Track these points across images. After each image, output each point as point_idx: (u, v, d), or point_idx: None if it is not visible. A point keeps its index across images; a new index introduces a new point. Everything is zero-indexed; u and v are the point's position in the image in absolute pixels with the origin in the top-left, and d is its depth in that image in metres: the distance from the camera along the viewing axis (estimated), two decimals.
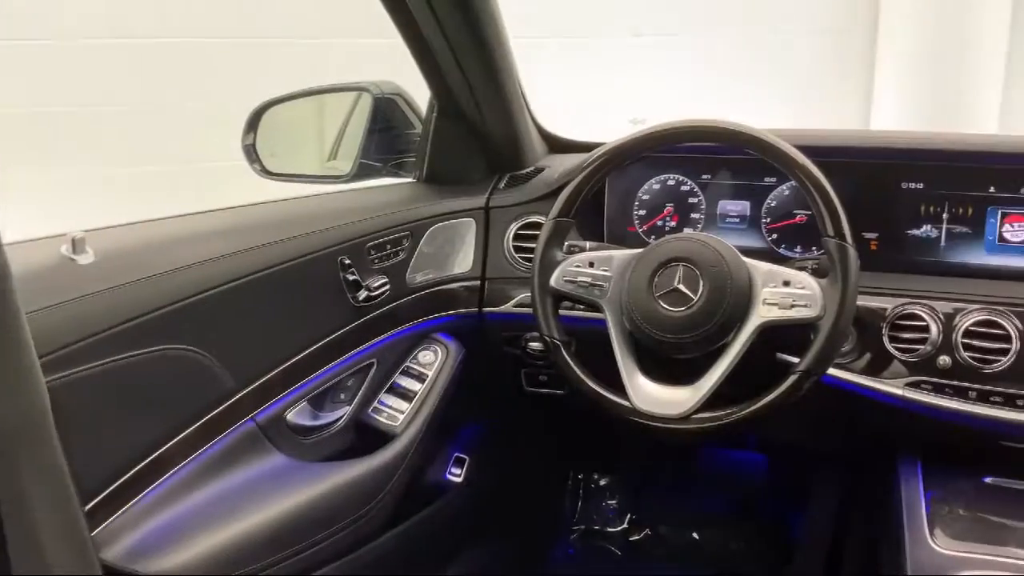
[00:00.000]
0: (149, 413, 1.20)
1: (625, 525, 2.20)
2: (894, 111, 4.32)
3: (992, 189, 1.44)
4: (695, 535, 2.13)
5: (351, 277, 1.46)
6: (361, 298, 1.48)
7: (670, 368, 1.32)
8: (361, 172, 1.74)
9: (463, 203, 1.68)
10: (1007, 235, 1.44)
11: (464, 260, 1.67)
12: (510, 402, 1.86)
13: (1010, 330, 1.31)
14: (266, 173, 1.72)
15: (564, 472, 2.24)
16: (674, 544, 2.13)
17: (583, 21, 4.43)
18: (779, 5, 4.49)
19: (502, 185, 1.73)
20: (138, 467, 1.19)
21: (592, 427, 2.05)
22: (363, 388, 1.54)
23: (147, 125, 3.62)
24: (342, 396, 1.52)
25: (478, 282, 1.66)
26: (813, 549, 1.92)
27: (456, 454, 1.83)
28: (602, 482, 2.26)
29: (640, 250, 1.35)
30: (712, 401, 1.26)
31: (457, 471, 1.82)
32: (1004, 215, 1.44)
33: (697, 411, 1.26)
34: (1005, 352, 1.31)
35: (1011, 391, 1.31)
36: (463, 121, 1.69)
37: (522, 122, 1.73)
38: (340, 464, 1.44)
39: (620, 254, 1.38)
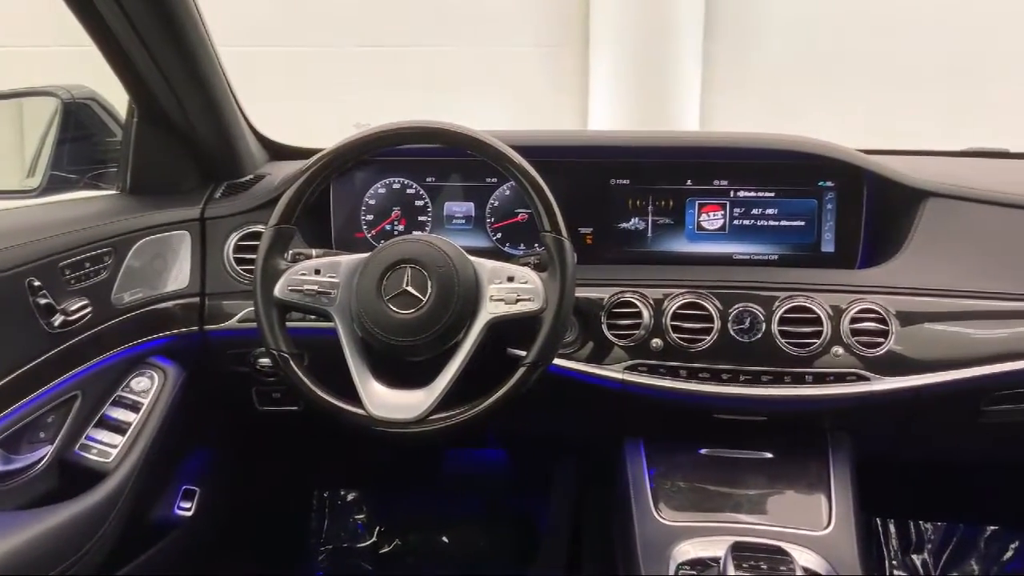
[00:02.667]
0: None
1: (374, 539, 2.16)
2: (608, 119, 4.62)
3: (689, 182, 1.56)
4: (444, 539, 2.13)
5: (42, 301, 1.30)
6: (57, 324, 1.32)
7: (405, 372, 1.30)
8: (53, 186, 1.56)
9: (175, 214, 1.56)
10: (704, 224, 1.56)
11: (179, 276, 1.55)
12: (242, 424, 1.76)
13: (711, 311, 1.42)
14: None
15: (307, 491, 2.16)
16: (424, 551, 2.12)
17: (312, 31, 4.36)
18: (500, 21, 4.67)
19: (219, 194, 1.63)
20: None
21: (333, 441, 1.99)
22: (67, 424, 1.38)
23: None
24: (41, 435, 1.35)
25: (197, 298, 1.55)
26: (557, 537, 1.99)
27: (184, 486, 1.70)
28: (348, 497, 2.20)
29: (367, 254, 1.32)
30: (447, 401, 1.26)
31: (187, 504, 1.69)
32: (701, 206, 1.56)
33: (432, 412, 1.25)
34: (708, 331, 1.42)
35: (716, 367, 1.42)
36: (169, 127, 1.57)
37: (236, 128, 1.64)
38: (41, 511, 1.27)
39: (347, 259, 1.34)
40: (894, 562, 2.10)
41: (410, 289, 1.27)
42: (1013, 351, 1.37)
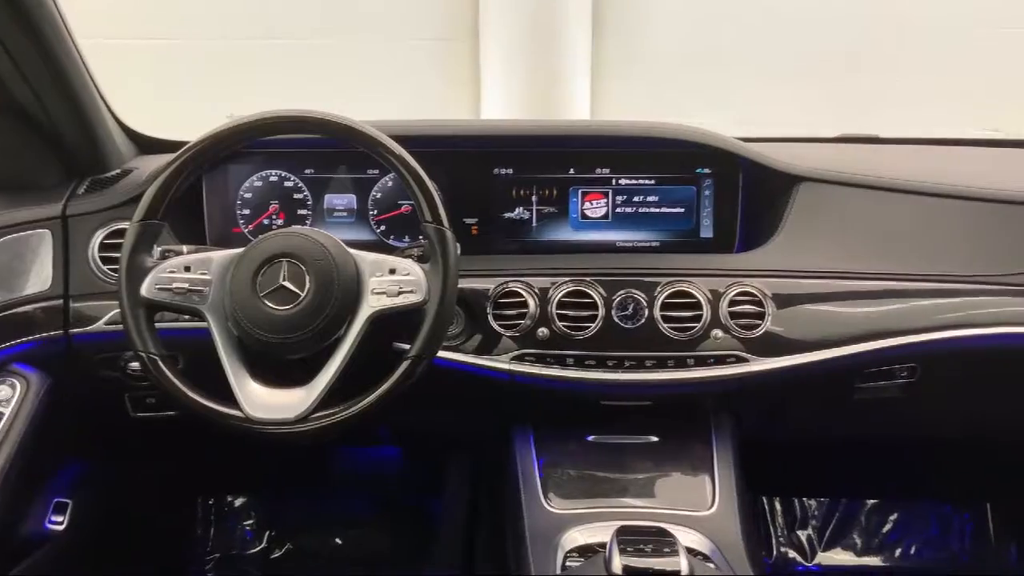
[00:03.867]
0: None
1: (264, 544, 2.10)
2: (501, 111, 4.62)
3: (572, 171, 1.56)
4: (337, 540, 2.08)
5: None
6: None
7: (285, 370, 1.26)
8: None
9: (32, 212, 1.47)
10: (588, 212, 1.57)
11: (40, 277, 1.46)
12: (116, 432, 1.67)
13: (596, 298, 1.43)
14: None
15: (190, 499, 2.07)
16: (317, 553, 2.07)
17: (192, 23, 4.21)
18: (389, 14, 4.62)
19: (82, 190, 1.54)
20: None
21: (216, 445, 1.91)
22: None
23: None
24: None
25: (60, 301, 1.46)
26: (451, 532, 1.97)
27: (56, 499, 1.61)
28: (236, 503, 2.13)
29: (240, 250, 1.27)
30: (329, 399, 1.23)
31: (58, 518, 1.60)
32: (584, 194, 1.57)
33: (313, 411, 1.21)
34: (593, 319, 1.42)
35: (602, 354, 1.43)
36: (27, 121, 1.48)
37: (99, 121, 1.55)
38: None
39: (220, 255, 1.29)
40: (780, 539, 2.17)
41: (287, 284, 1.23)
42: (882, 329, 1.43)
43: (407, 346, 1.26)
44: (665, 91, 4.42)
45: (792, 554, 2.15)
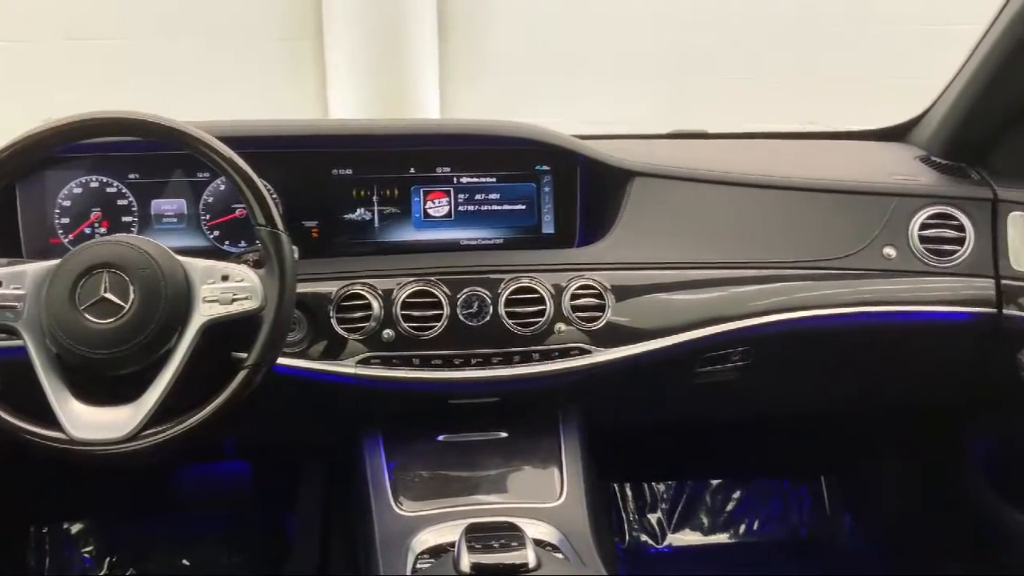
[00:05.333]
0: None
1: (106, 571, 1.98)
2: (349, 112, 4.55)
3: (413, 170, 1.55)
4: (185, 561, 1.99)
5: None
6: None
7: (111, 387, 1.19)
8: None
9: None
10: (431, 211, 1.56)
11: None
12: None
13: (440, 297, 1.42)
14: None
15: (21, 528, 1.93)
16: None
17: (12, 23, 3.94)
18: (231, 13, 4.46)
19: None
20: None
21: (47, 469, 1.79)
22: None
23: None
24: None
25: None
26: (306, 545, 1.92)
27: None
28: (73, 529, 2.00)
29: (56, 261, 1.19)
30: (162, 414, 1.17)
31: None
32: (426, 193, 1.56)
33: (143, 428, 1.16)
34: (438, 318, 1.42)
35: (449, 353, 1.42)
36: None
37: None
38: None
39: (35, 267, 1.20)
40: (633, 524, 2.23)
41: (109, 296, 1.16)
42: (715, 316, 1.49)
43: (245, 355, 1.21)
44: (513, 91, 4.47)
45: (644, 538, 2.21)
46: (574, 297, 1.45)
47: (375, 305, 1.41)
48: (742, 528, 2.24)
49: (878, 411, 1.94)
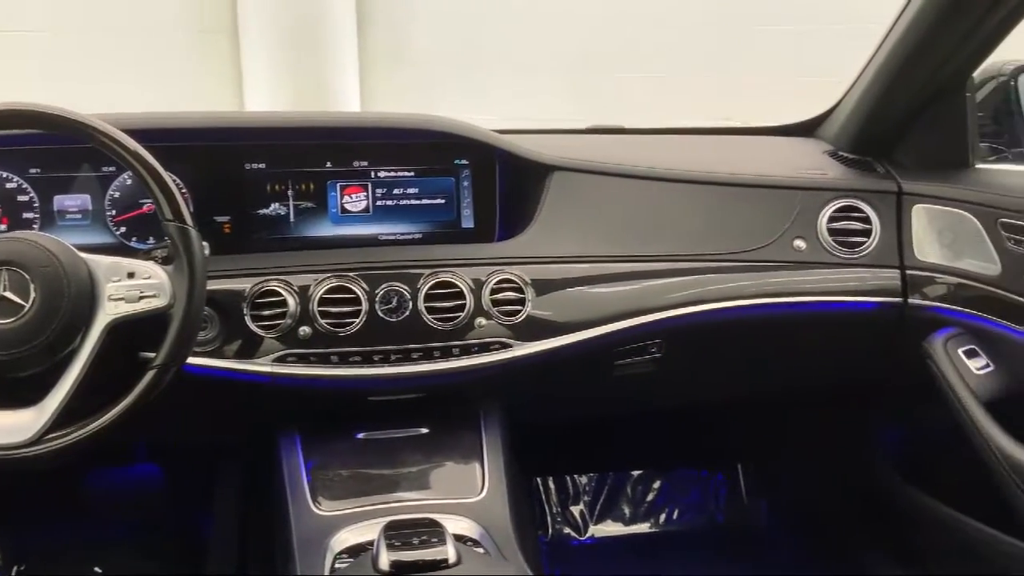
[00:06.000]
0: None
1: None
2: (267, 105, 4.46)
3: (329, 164, 1.52)
4: (96, 568, 1.92)
5: None
6: None
7: (13, 389, 1.15)
8: None
9: None
10: (348, 206, 1.54)
11: None
12: None
13: (358, 293, 1.40)
14: None
15: None
16: None
17: None
18: (145, 5, 4.34)
19: None
20: None
21: None
22: None
23: None
24: None
25: None
26: (223, 548, 1.88)
27: None
28: None
29: None
30: (66, 417, 1.13)
31: None
32: (343, 187, 1.53)
33: (47, 432, 1.12)
34: (357, 314, 1.40)
35: (367, 349, 1.40)
36: None
37: None
38: None
39: None
40: (556, 517, 2.24)
41: (8, 295, 1.12)
42: (631, 309, 1.50)
43: (153, 355, 1.18)
44: (434, 87, 4.45)
45: (567, 530, 2.23)
46: (494, 291, 1.45)
47: (291, 302, 1.38)
48: (662, 517, 2.27)
49: (791, 399, 1.99)
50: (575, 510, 2.25)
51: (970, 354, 1.51)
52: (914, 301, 1.60)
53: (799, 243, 1.60)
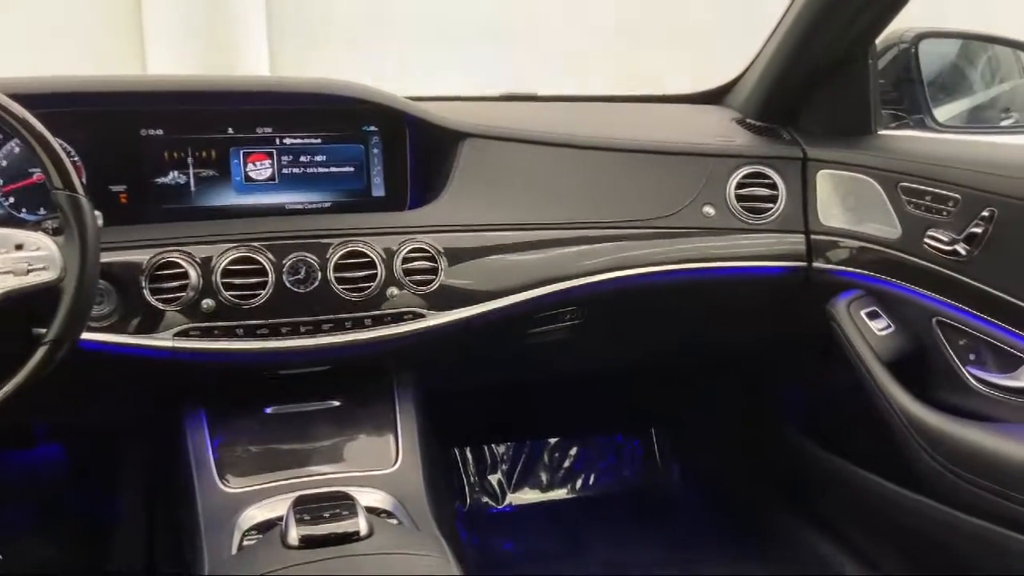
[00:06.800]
0: None
1: None
2: (171, 68, 4.29)
3: (231, 130, 1.47)
4: None
5: None
6: None
7: None
8: None
9: None
10: (252, 174, 1.49)
11: None
12: None
13: (264, 264, 1.36)
14: None
15: None
16: None
17: None
18: None
19: None
20: None
21: None
22: None
23: None
24: None
25: None
26: (131, 530, 1.82)
27: None
28: None
29: None
30: None
31: None
32: (247, 155, 1.48)
33: None
34: (263, 286, 1.35)
35: (275, 321, 1.36)
36: None
37: None
38: None
39: None
40: (475, 486, 2.25)
41: None
42: (547, 277, 1.50)
43: (45, 330, 1.12)
44: (346, 53, 4.35)
45: (485, 499, 2.24)
46: (406, 261, 1.42)
47: (192, 274, 1.33)
48: (579, 483, 2.30)
49: (701, 362, 2.03)
50: (493, 479, 2.26)
51: (872, 316, 1.56)
52: (818, 265, 1.64)
53: (708, 209, 1.62)
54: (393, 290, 1.41)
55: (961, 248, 1.40)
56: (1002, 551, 1.32)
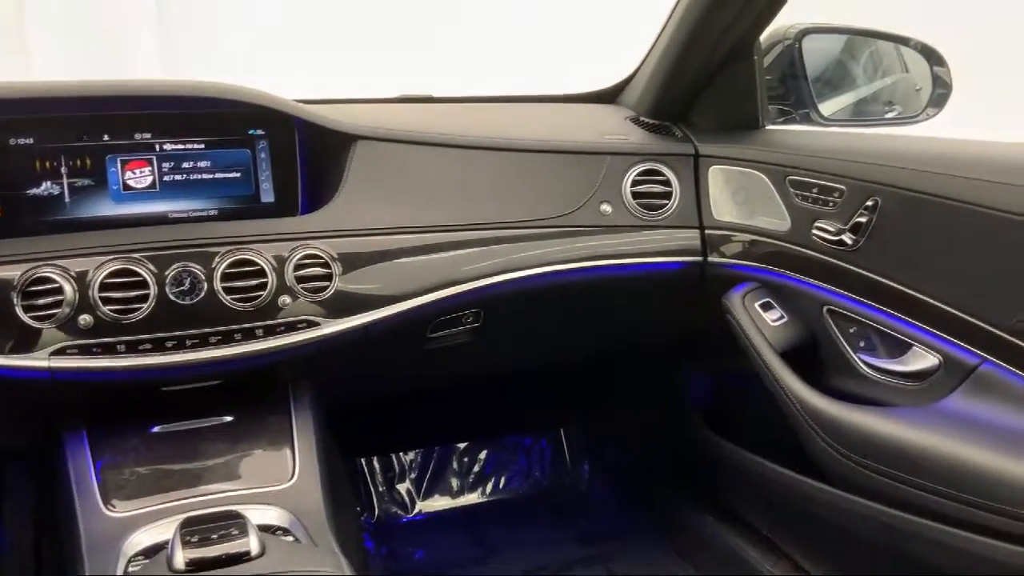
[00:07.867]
0: None
1: None
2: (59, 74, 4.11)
3: (107, 137, 1.40)
4: None
5: None
6: None
7: None
8: None
9: None
10: (131, 182, 1.42)
11: None
12: None
13: (145, 276, 1.30)
14: None
15: None
16: None
17: None
18: None
19: None
20: None
21: None
22: None
23: None
24: None
25: None
26: (17, 560, 1.72)
27: None
28: None
29: None
30: None
31: None
32: (124, 162, 1.41)
33: None
34: (145, 298, 1.29)
35: (159, 335, 1.30)
36: None
37: None
38: None
39: None
40: (384, 497, 2.20)
41: None
42: (446, 280, 1.48)
43: None
44: (236, 61, 4.25)
45: (394, 509, 2.20)
46: (298, 268, 1.38)
47: (67, 288, 1.26)
48: (490, 486, 2.28)
49: (605, 360, 2.03)
50: (402, 488, 2.22)
51: (766, 307, 1.59)
52: (713, 259, 1.66)
53: (605, 207, 1.62)
54: (286, 299, 1.37)
55: (847, 238, 1.43)
56: (904, 536, 1.35)
